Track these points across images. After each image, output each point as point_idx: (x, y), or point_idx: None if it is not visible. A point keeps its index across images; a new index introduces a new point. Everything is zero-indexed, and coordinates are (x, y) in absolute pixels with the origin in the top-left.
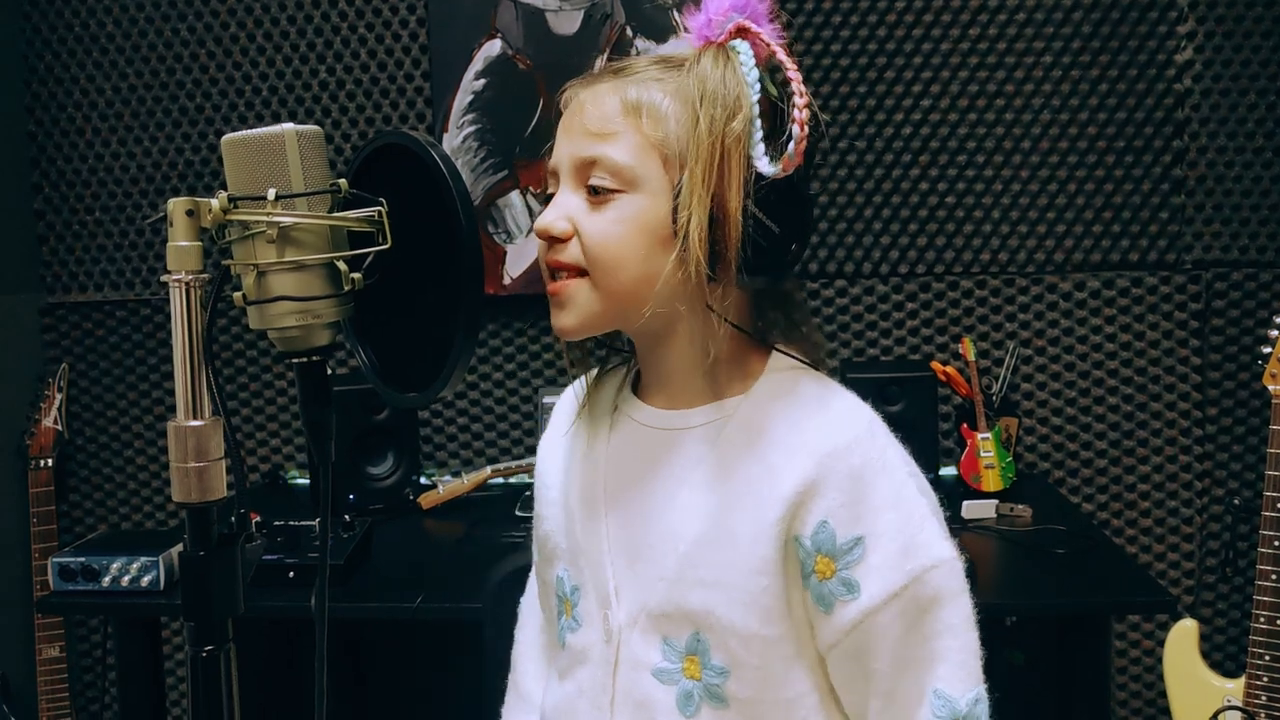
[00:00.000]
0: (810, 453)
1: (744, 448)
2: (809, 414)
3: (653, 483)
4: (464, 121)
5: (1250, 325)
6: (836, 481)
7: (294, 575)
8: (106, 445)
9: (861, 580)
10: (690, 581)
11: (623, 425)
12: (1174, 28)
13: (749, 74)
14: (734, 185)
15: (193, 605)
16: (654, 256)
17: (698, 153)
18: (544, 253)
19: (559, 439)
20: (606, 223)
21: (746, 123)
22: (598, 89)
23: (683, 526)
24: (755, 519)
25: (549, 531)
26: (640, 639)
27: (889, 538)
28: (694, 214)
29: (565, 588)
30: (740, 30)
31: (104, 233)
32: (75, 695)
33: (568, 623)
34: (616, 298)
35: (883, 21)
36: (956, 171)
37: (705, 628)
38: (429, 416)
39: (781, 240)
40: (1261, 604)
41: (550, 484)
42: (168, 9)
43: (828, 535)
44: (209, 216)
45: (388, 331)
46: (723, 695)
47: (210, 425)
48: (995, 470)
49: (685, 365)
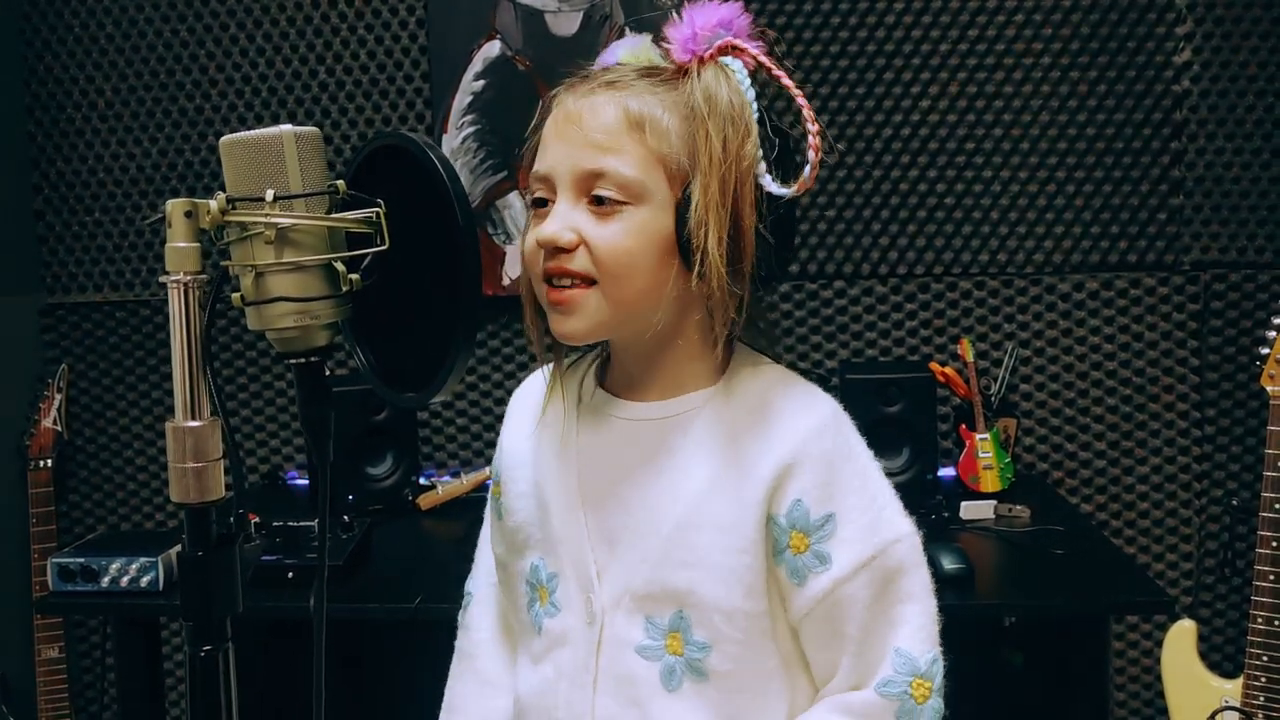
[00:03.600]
0: (786, 437)
1: (722, 435)
2: (782, 402)
3: (632, 471)
4: (463, 122)
5: (1248, 326)
6: (810, 464)
7: (293, 576)
8: (106, 446)
9: (833, 552)
10: (674, 562)
11: (596, 418)
12: (1172, 29)
13: (748, 92)
14: (748, 203)
15: (191, 605)
16: (660, 267)
17: (711, 170)
18: (541, 260)
19: (523, 433)
20: (616, 234)
21: (756, 144)
22: (594, 100)
23: (664, 511)
24: (737, 500)
25: (520, 523)
26: (624, 619)
27: (857, 513)
28: (712, 231)
29: (540, 575)
30: (731, 48)
31: (104, 233)
32: (75, 696)
33: (545, 609)
34: (625, 306)
35: (882, 22)
36: (955, 172)
37: (688, 605)
38: (428, 417)
39: (781, 254)
40: (1259, 604)
41: (519, 478)
42: (167, 10)
43: (802, 513)
44: (207, 218)
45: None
46: (704, 669)
47: (209, 426)
48: (994, 471)
49: (677, 365)
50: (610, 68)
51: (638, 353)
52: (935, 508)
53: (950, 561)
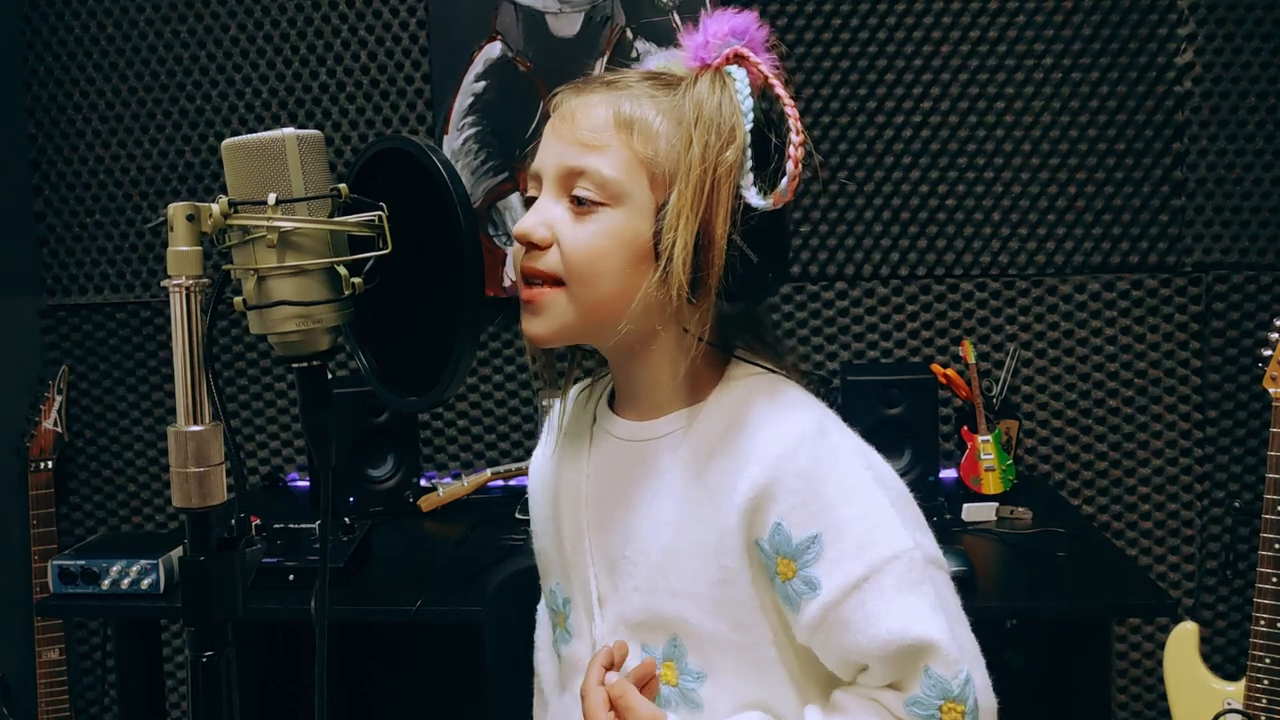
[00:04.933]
0: (759, 457)
1: (701, 457)
2: (761, 420)
3: (627, 495)
4: (464, 124)
5: (1250, 328)
6: (787, 483)
7: (293, 578)
8: (106, 448)
9: (821, 577)
10: (662, 591)
11: (600, 439)
12: (1174, 30)
13: (744, 102)
14: (722, 213)
15: (193, 610)
16: (632, 273)
17: (688, 176)
18: (519, 258)
19: (547, 455)
20: (588, 235)
21: (739, 152)
22: (589, 99)
23: (653, 537)
24: (715, 528)
25: (543, 547)
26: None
27: (845, 531)
28: (679, 237)
29: (558, 600)
30: (737, 56)
31: (104, 235)
32: (75, 698)
33: (561, 635)
34: (590, 310)
35: (883, 24)
36: (957, 174)
37: (682, 634)
38: (429, 419)
39: (760, 269)
40: (1262, 606)
41: (541, 500)
42: (168, 11)
43: (784, 537)
44: (209, 221)
45: (387, 335)
46: (697, 700)
47: (210, 430)
48: (995, 473)
49: (654, 379)
50: (616, 70)
51: (618, 364)
52: (937, 510)
53: (952, 563)
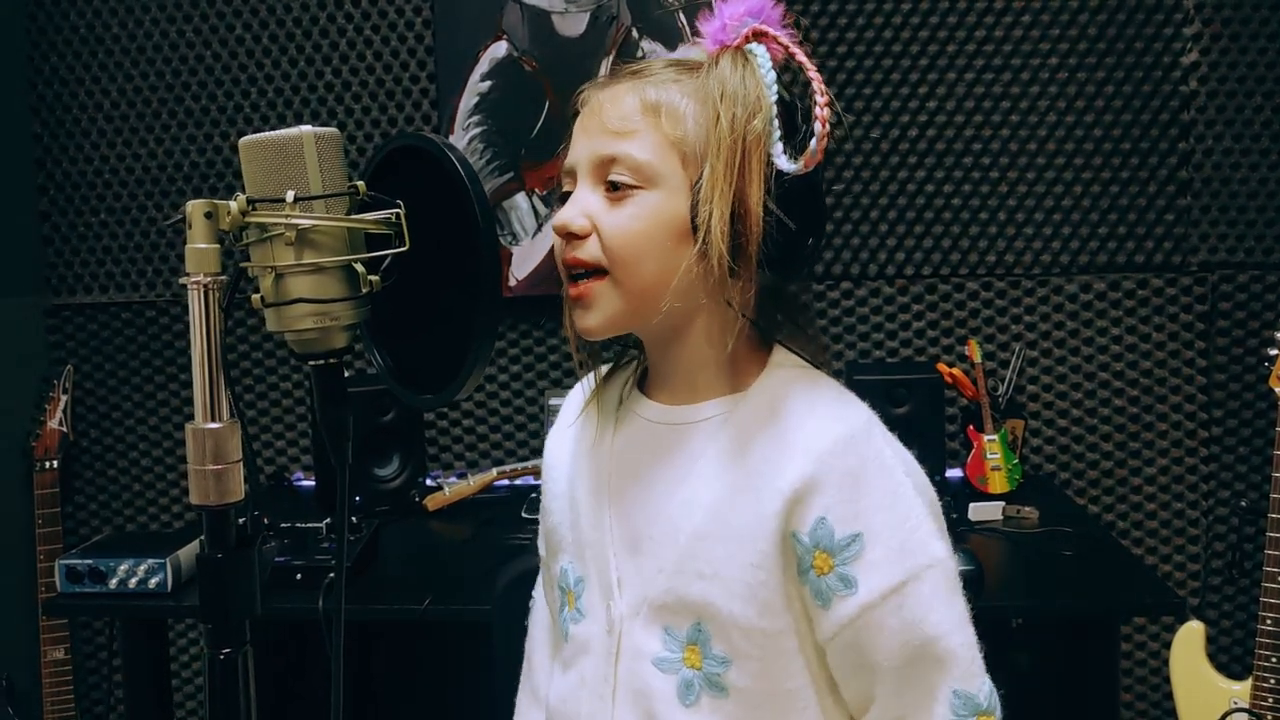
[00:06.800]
0: (809, 450)
1: (745, 443)
2: (809, 411)
3: (656, 476)
4: (470, 123)
5: (1256, 327)
6: (835, 479)
7: (301, 577)
8: (111, 447)
9: (859, 576)
10: (689, 574)
11: (628, 420)
12: (1180, 30)
13: (766, 75)
14: (755, 182)
15: (211, 607)
16: (673, 252)
17: (719, 150)
18: (562, 251)
19: (566, 433)
20: (625, 218)
21: (766, 121)
22: (615, 89)
23: (683, 519)
24: (754, 513)
25: (555, 525)
26: (641, 629)
27: (887, 535)
28: (715, 209)
29: (569, 579)
30: (756, 34)
31: (109, 235)
32: (80, 698)
33: (571, 614)
34: (636, 295)
35: (890, 24)
36: (963, 173)
37: (706, 618)
38: (434, 418)
39: (799, 235)
40: (1268, 606)
41: (556, 477)
42: (173, 10)
43: (826, 532)
44: (227, 219)
45: (403, 333)
46: (723, 684)
47: (228, 428)
48: (1001, 472)
49: (695, 361)
50: (641, 61)
51: (658, 347)
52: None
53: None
